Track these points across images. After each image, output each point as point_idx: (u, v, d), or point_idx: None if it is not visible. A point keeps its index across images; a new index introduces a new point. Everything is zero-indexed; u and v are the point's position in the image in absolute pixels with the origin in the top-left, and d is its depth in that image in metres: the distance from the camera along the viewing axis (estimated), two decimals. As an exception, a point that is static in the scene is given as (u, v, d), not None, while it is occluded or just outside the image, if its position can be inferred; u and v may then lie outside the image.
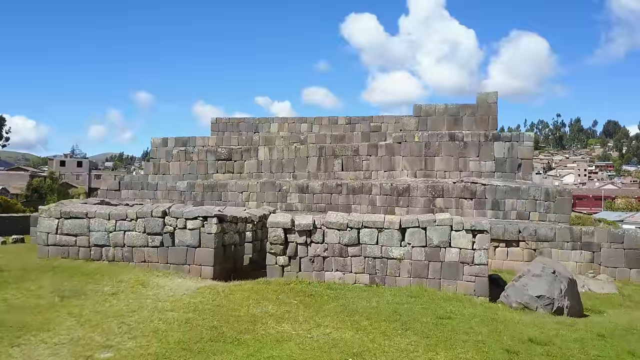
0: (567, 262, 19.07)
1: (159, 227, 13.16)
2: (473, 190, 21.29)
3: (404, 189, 21.78)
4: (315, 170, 24.72)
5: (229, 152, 25.59)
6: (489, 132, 23.08)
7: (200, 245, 12.89)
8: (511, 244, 19.43)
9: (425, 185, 21.73)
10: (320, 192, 22.72)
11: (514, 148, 22.61)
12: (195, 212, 12.98)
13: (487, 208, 21.15)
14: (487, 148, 22.80)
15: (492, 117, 24.14)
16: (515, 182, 21.93)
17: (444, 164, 23.24)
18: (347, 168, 24.37)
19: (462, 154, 23.05)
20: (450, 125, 24.43)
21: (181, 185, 24.25)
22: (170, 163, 26.14)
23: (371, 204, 22.15)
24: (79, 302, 8.83)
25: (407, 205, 21.74)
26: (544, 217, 20.72)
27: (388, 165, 23.90)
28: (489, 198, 21.12)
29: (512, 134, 22.76)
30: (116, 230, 13.49)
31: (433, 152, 23.35)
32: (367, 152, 24.16)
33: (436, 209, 21.50)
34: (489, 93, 24.22)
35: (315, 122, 29.20)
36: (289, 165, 25.03)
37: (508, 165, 22.67)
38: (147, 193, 24.78)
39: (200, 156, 25.87)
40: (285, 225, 12.26)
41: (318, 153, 24.73)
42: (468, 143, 23.00)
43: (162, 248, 13.18)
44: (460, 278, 11.61)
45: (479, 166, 22.87)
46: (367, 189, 22.24)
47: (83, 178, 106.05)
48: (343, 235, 12.10)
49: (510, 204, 20.95)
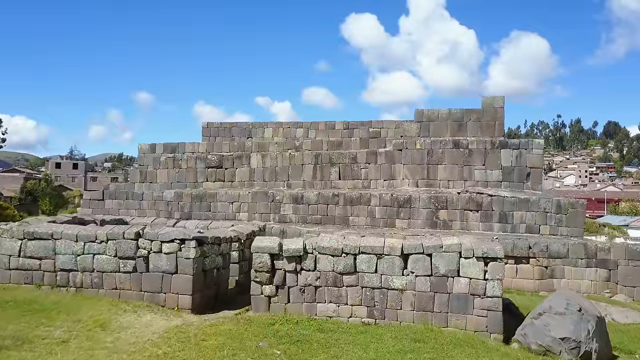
0: (581, 280, 17.72)
1: (132, 250, 11.74)
2: (479, 201, 19.88)
3: (405, 200, 20.37)
4: (311, 179, 23.30)
5: (220, 159, 24.17)
6: (496, 139, 21.65)
7: (177, 271, 11.48)
8: (521, 261, 18.04)
9: (428, 195, 20.32)
10: (316, 203, 21.30)
11: (523, 156, 21.18)
12: (172, 234, 11.56)
13: (494, 221, 19.73)
14: (494, 156, 21.38)
15: (498, 123, 22.71)
16: (524, 193, 20.51)
17: (447, 172, 21.82)
18: (344, 176, 22.95)
19: (467, 162, 21.63)
20: (454, 131, 23.01)
21: (168, 194, 22.82)
22: (157, 171, 24.70)
23: (370, 216, 20.73)
24: (18, 357, 7.36)
25: (409, 217, 20.32)
26: (555, 230, 19.31)
27: (388, 174, 22.47)
28: (496, 210, 19.70)
29: (520, 141, 21.33)
30: (85, 254, 12.07)
31: (436, 160, 21.92)
32: (366, 159, 22.74)
33: (439, 221, 20.10)
34: (495, 97, 22.79)
35: (312, 127, 27.78)
36: (283, 173, 23.61)
37: (516, 174, 21.25)
38: (132, 203, 23.33)
39: (190, 163, 24.44)
40: (271, 250, 10.84)
41: (314, 160, 23.31)
42: (473, 150, 21.58)
43: (135, 274, 11.77)
44: (470, 312, 10.19)
45: (485, 175, 21.45)
46: (365, 199, 20.81)
47: (79, 180, 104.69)
48: (337, 262, 10.68)
49: (519, 217, 19.53)
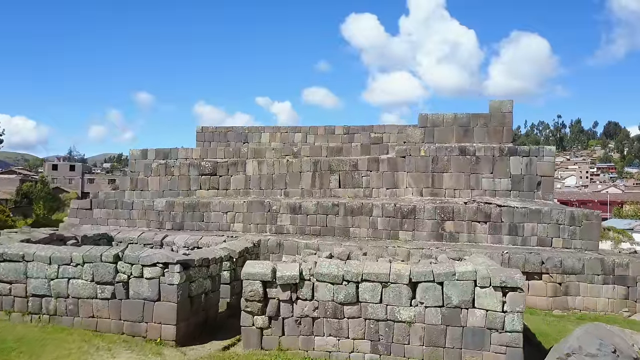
0: (597, 298, 16.61)
1: (110, 274, 10.62)
2: (487, 212, 18.75)
3: (409, 210, 19.23)
4: (310, 187, 22.16)
5: (214, 166, 23.02)
6: (504, 146, 20.52)
7: (159, 298, 10.37)
8: (533, 277, 16.92)
9: (433, 206, 19.19)
10: (315, 213, 20.16)
11: (533, 164, 20.05)
12: (154, 257, 10.43)
13: (503, 233, 18.61)
14: (502, 163, 20.25)
15: (506, 129, 21.58)
16: (534, 203, 19.38)
17: (453, 181, 20.69)
18: (344, 184, 21.81)
19: (474, 170, 20.49)
20: (460, 136, 21.88)
21: (159, 204, 21.66)
22: (149, 178, 23.55)
23: (372, 227, 19.60)
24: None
25: (413, 228, 19.19)
26: (569, 243, 18.19)
27: (391, 182, 21.33)
28: (506, 221, 18.57)
29: (530, 148, 20.19)
30: (59, 278, 10.96)
31: (441, 168, 20.79)
32: (367, 167, 21.60)
33: (445, 233, 18.97)
34: (503, 101, 21.66)
35: (311, 131, 26.62)
36: (280, 181, 22.47)
37: (526, 183, 20.11)
38: (122, 213, 22.18)
39: (182, 170, 23.29)
40: (264, 277, 9.71)
41: (313, 168, 22.17)
42: (481, 158, 20.44)
43: (113, 301, 10.66)
44: (487, 348, 9.08)
45: (493, 184, 20.32)
46: (367, 209, 19.68)
47: (76, 182, 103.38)
48: (338, 290, 9.55)
49: (530, 229, 18.40)
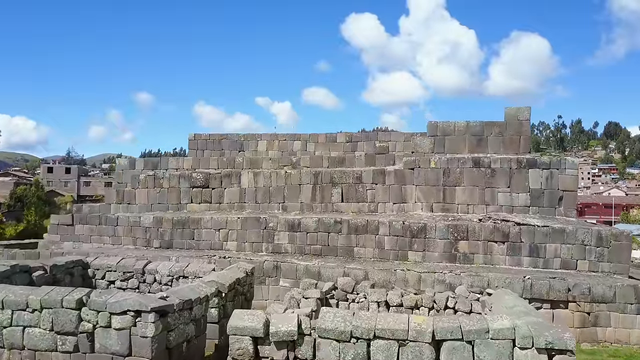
0: (631, 329, 14.88)
1: (73, 323, 8.89)
2: (505, 231, 17.04)
3: (419, 228, 17.52)
4: (310, 201, 20.44)
5: (206, 177, 21.30)
6: (522, 157, 18.80)
7: (130, 352, 8.63)
8: (557, 305, 15.23)
9: (446, 224, 17.48)
10: (316, 231, 18.44)
11: (554, 177, 18.34)
12: (125, 303, 8.70)
13: (523, 254, 16.90)
14: (520, 177, 18.54)
15: (523, 138, 19.87)
16: (556, 221, 17.67)
17: (466, 195, 18.98)
18: (347, 198, 20.10)
19: (489, 184, 18.79)
20: (473, 146, 20.17)
21: (146, 220, 19.93)
22: (136, 190, 21.82)
23: (378, 247, 17.88)
24: None
25: (423, 249, 17.48)
26: (595, 266, 16.48)
27: (398, 196, 19.62)
28: (526, 242, 16.86)
29: (551, 159, 18.48)
30: (13, 326, 9.22)
31: (453, 181, 19.08)
32: (373, 179, 19.89)
33: (459, 254, 17.26)
34: (520, 108, 19.94)
35: (311, 139, 24.92)
36: (278, 194, 20.75)
37: (546, 198, 18.40)
38: (106, 229, 20.44)
39: (172, 182, 21.56)
40: (254, 333, 7.99)
41: (313, 180, 20.45)
42: (496, 170, 18.74)
43: (76, 354, 8.92)
44: None
45: (510, 199, 18.61)
46: (373, 227, 17.96)
47: (72, 185, 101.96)
48: (345, 349, 7.84)
49: (553, 250, 16.69)
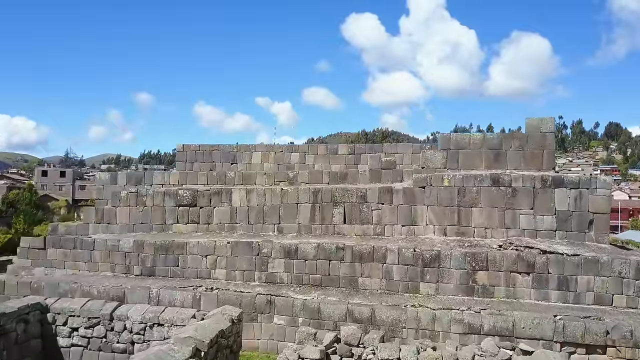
0: (681, 379, 12.91)
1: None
2: (530, 261, 15.00)
3: (433, 257, 15.47)
4: (308, 222, 18.38)
5: (194, 195, 19.22)
6: (547, 175, 16.75)
7: None
8: (594, 350, 13.20)
9: (462, 252, 15.43)
10: (315, 258, 16.38)
11: (583, 197, 16.29)
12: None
13: (550, 287, 14.86)
14: (545, 197, 16.49)
15: (547, 152, 17.83)
16: (587, 248, 15.63)
17: (484, 217, 16.93)
18: (350, 219, 18.04)
19: (510, 205, 16.74)
20: (490, 162, 18.14)
21: (126, 244, 17.83)
22: (117, 209, 19.73)
23: (385, 277, 15.83)
24: None
25: (437, 280, 15.43)
26: (635, 302, 14.44)
27: (407, 218, 17.57)
28: (554, 273, 14.82)
29: (580, 178, 16.43)
30: None
31: (469, 202, 17.03)
32: (379, 198, 17.83)
33: (477, 286, 15.22)
34: (544, 119, 17.90)
35: (310, 151, 22.85)
36: (273, 214, 18.68)
37: (575, 221, 16.36)
38: (82, 254, 18.33)
39: (156, 200, 19.48)
40: None
41: (312, 198, 18.40)
42: (518, 189, 16.69)
43: None
44: None
45: (533, 222, 16.57)
46: (379, 255, 15.91)
47: (67, 189, 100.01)
48: None
49: (585, 283, 14.65)
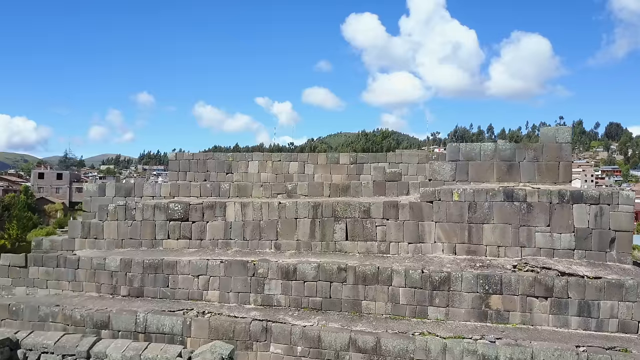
0: None
1: None
2: (548, 284, 13.83)
3: (442, 279, 14.30)
4: (308, 238, 17.20)
5: (185, 209, 18.03)
6: (565, 189, 15.57)
7: None
8: (622, 386, 12.07)
9: (474, 273, 14.26)
10: (315, 279, 15.20)
11: (604, 214, 15.11)
12: None
13: (571, 313, 13.69)
14: (563, 213, 15.32)
15: (563, 164, 16.66)
16: (608, 269, 14.46)
17: (497, 235, 15.75)
18: (353, 236, 16.86)
19: (525, 222, 15.56)
20: (502, 174, 16.97)
21: (112, 262, 16.64)
22: (105, 223, 18.55)
23: (391, 301, 14.65)
24: None
25: (447, 304, 14.26)
26: (663, 330, 13.28)
27: (414, 235, 16.40)
28: (574, 297, 13.65)
29: (600, 192, 15.26)
30: None
31: (481, 218, 15.85)
32: (383, 213, 16.66)
33: (491, 311, 14.04)
34: (560, 128, 16.72)
35: (309, 160, 21.66)
36: (270, 229, 17.50)
37: (595, 240, 15.18)
38: (65, 273, 17.13)
39: (146, 214, 18.29)
40: None
41: (312, 213, 17.22)
42: (533, 205, 15.51)
43: None
44: None
45: (550, 240, 15.38)
46: (385, 277, 14.73)
47: (63, 191, 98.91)
48: None
49: (609, 309, 13.48)
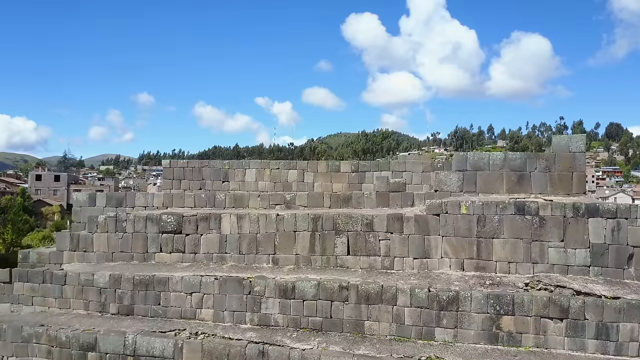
0: None
1: None
2: (564, 305, 12.96)
3: (450, 299, 13.44)
4: (308, 253, 16.34)
5: (179, 221, 17.17)
6: (579, 202, 14.71)
7: None
8: (645, 417, 11.24)
9: (484, 293, 13.40)
10: (315, 298, 14.33)
11: (622, 229, 14.25)
12: None
13: (587, 336, 12.82)
14: (578, 227, 14.46)
15: (577, 175, 15.81)
16: (627, 288, 13.60)
17: (507, 251, 14.89)
18: (355, 251, 16.00)
19: (537, 236, 14.70)
20: (512, 185, 16.12)
21: (101, 278, 15.77)
22: (94, 235, 17.68)
23: (396, 321, 13.78)
24: None
25: (455, 325, 13.39)
26: (687, 355, 12.42)
27: (420, 250, 15.54)
28: (592, 320, 12.79)
29: (617, 206, 14.40)
30: None
31: (490, 232, 15.00)
32: (387, 227, 15.80)
33: (502, 333, 13.18)
34: (573, 137, 15.88)
35: (309, 168, 20.78)
36: (267, 243, 16.64)
37: (612, 256, 14.32)
38: (52, 289, 16.26)
39: (138, 226, 17.42)
40: None
41: (312, 225, 16.36)
42: (546, 219, 14.66)
43: None
44: None
45: (564, 256, 14.53)
46: (389, 296, 13.86)
47: (61, 193, 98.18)
48: None
49: (629, 332, 12.62)
